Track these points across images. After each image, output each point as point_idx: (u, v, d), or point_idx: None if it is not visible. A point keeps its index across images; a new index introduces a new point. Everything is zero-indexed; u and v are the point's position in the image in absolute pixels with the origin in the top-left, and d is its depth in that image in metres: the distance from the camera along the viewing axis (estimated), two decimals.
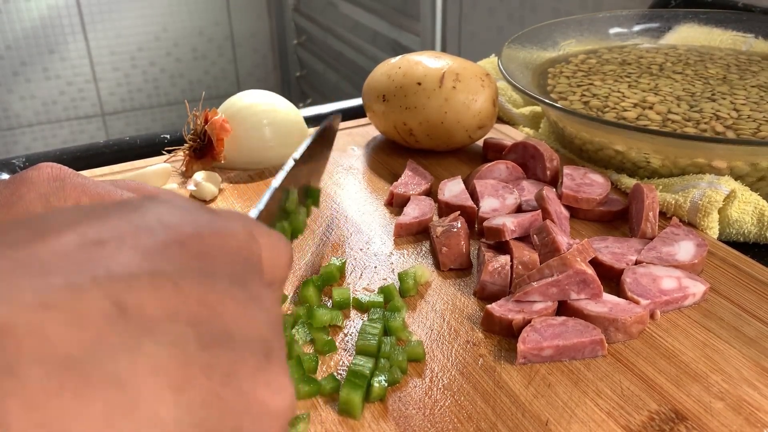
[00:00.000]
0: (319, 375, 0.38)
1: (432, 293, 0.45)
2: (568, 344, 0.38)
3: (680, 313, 0.42)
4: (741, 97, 0.63)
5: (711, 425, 0.34)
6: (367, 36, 2.03)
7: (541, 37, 0.76)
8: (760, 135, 0.56)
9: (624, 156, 0.58)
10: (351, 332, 0.41)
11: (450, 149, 0.64)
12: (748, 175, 0.54)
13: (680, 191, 0.53)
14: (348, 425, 0.34)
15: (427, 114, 0.60)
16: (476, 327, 0.41)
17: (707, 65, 0.72)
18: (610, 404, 0.35)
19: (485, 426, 0.34)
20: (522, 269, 0.43)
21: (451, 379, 0.37)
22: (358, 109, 0.77)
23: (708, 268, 0.46)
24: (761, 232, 0.51)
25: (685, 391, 0.36)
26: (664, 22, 0.81)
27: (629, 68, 0.72)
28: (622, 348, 0.39)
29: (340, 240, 0.51)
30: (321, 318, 0.41)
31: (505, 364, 0.38)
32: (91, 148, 0.69)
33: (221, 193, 0.59)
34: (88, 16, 2.24)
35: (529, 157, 0.58)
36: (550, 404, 0.35)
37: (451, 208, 0.52)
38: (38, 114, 2.31)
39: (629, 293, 0.42)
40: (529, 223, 0.47)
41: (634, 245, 0.47)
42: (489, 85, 0.61)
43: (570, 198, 0.52)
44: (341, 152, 0.66)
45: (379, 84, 0.63)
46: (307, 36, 2.46)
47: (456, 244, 0.47)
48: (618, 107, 0.62)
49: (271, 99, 0.64)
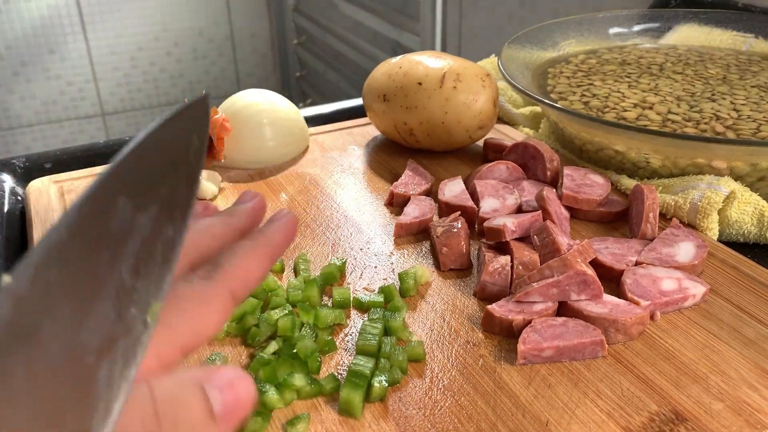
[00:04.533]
0: (320, 375, 0.38)
1: (432, 293, 0.44)
2: (568, 345, 0.38)
3: (680, 314, 0.42)
4: (741, 97, 0.63)
5: (711, 426, 0.34)
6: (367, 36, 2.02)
7: (541, 37, 0.76)
8: (760, 135, 0.56)
9: (624, 156, 0.58)
10: (351, 332, 0.41)
11: (450, 149, 0.64)
12: (748, 175, 0.54)
13: (680, 192, 0.52)
14: (348, 425, 0.34)
15: (427, 114, 0.60)
16: (476, 327, 0.41)
17: (707, 65, 0.72)
18: (610, 405, 0.35)
19: (485, 426, 0.34)
20: (522, 270, 0.43)
21: (452, 380, 0.37)
22: (358, 109, 0.77)
23: (708, 269, 0.46)
24: (761, 232, 0.51)
25: (685, 392, 0.36)
26: (664, 22, 0.81)
27: (629, 68, 0.72)
28: (622, 349, 0.39)
29: (339, 240, 0.51)
30: (325, 318, 0.41)
31: (505, 364, 0.38)
32: (91, 148, 0.69)
33: (221, 192, 0.59)
34: (88, 16, 2.24)
35: (529, 158, 0.58)
36: (551, 405, 0.35)
37: (452, 209, 0.52)
38: (38, 114, 2.31)
39: (629, 294, 0.42)
40: (529, 224, 0.47)
41: (634, 246, 0.47)
42: (490, 85, 0.61)
43: (570, 199, 0.52)
44: (341, 152, 0.66)
45: (380, 84, 0.63)
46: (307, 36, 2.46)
47: (456, 245, 0.47)
48: (618, 107, 0.62)
49: (272, 98, 0.64)
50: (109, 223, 0.21)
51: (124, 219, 0.21)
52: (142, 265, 0.22)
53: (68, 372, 0.18)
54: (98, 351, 0.19)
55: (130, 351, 0.20)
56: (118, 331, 0.20)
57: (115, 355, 0.20)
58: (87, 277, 0.19)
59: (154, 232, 0.22)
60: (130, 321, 0.21)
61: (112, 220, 0.21)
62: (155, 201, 0.23)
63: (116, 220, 0.21)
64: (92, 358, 0.19)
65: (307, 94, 2.53)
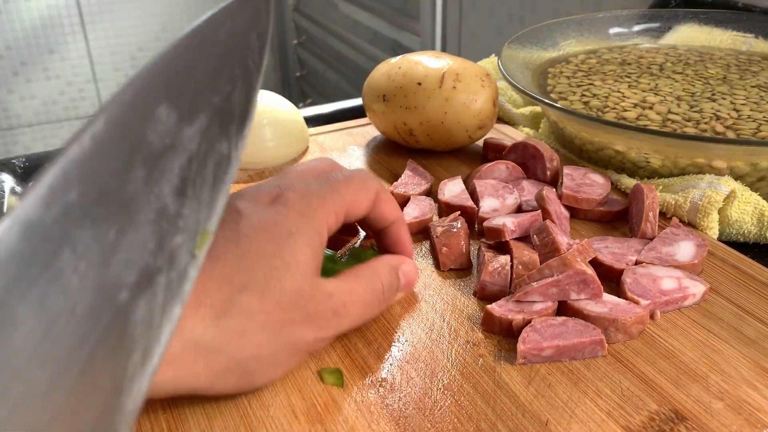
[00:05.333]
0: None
1: (432, 293, 0.45)
2: (568, 344, 0.38)
3: (680, 313, 0.42)
4: (741, 97, 0.63)
5: (711, 425, 0.34)
6: (367, 36, 2.03)
7: (541, 37, 0.76)
8: (760, 135, 0.56)
9: (624, 156, 0.58)
10: None
11: (450, 149, 0.64)
12: (748, 175, 0.54)
13: (680, 191, 0.53)
14: (348, 425, 0.34)
15: (427, 114, 0.60)
16: (476, 327, 0.41)
17: (707, 65, 0.72)
18: (610, 404, 0.35)
19: (485, 426, 0.34)
20: (522, 269, 0.43)
21: (451, 379, 0.37)
22: (358, 109, 0.77)
23: (708, 268, 0.46)
24: (761, 232, 0.51)
25: (684, 391, 0.36)
26: (664, 22, 0.81)
27: (629, 68, 0.72)
28: (622, 348, 0.39)
29: (339, 239, 0.51)
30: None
31: (505, 364, 0.38)
32: None
33: None
34: (88, 16, 2.24)
35: (529, 157, 0.58)
36: (550, 404, 0.35)
37: (451, 208, 0.52)
38: (38, 114, 2.31)
39: (629, 293, 0.42)
40: (529, 224, 0.47)
41: (634, 245, 0.47)
42: (489, 85, 0.61)
43: (570, 198, 0.52)
44: (341, 152, 0.66)
45: (379, 84, 0.63)
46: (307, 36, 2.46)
47: (456, 244, 0.47)
48: (618, 107, 0.62)
49: (271, 99, 0.64)
50: (146, 135, 0.17)
51: (165, 131, 0.18)
52: (190, 185, 0.18)
53: (94, 312, 0.15)
54: (134, 287, 0.16)
55: (174, 285, 0.18)
56: (158, 263, 0.17)
57: (155, 291, 0.17)
58: (116, 199, 0.16)
59: (204, 147, 0.19)
60: (173, 251, 0.18)
61: (150, 132, 0.17)
62: (205, 111, 0.19)
63: (155, 131, 0.17)
64: (126, 295, 0.16)
65: (307, 94, 2.53)
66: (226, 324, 0.30)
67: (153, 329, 0.17)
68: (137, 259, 0.16)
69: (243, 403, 0.36)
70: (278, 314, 0.32)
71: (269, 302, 0.32)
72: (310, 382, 0.37)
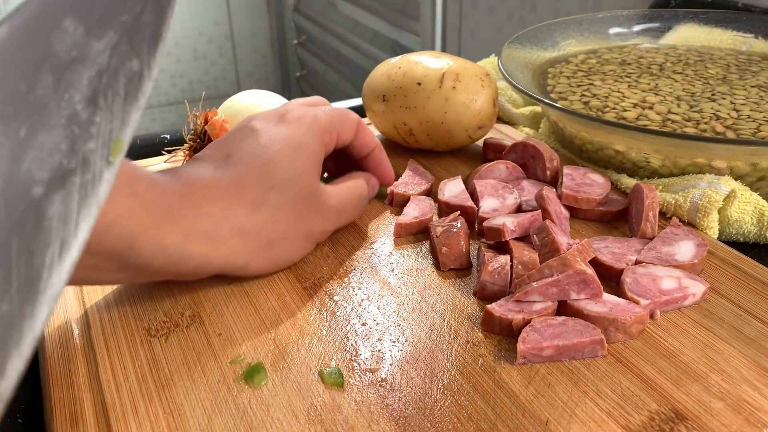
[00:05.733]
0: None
1: (432, 293, 0.45)
2: (568, 344, 0.38)
3: (680, 313, 0.42)
4: (741, 97, 0.63)
5: (711, 425, 0.34)
6: (367, 36, 2.03)
7: (541, 37, 0.76)
8: (760, 135, 0.56)
9: (624, 156, 0.58)
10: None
11: (450, 149, 0.64)
12: (748, 175, 0.54)
13: (680, 191, 0.53)
14: (348, 425, 0.34)
15: (427, 114, 0.60)
16: (476, 327, 0.41)
17: (707, 65, 0.72)
18: (610, 404, 0.35)
19: (485, 426, 0.34)
20: (522, 269, 0.43)
21: (451, 379, 0.37)
22: (358, 109, 0.77)
23: (708, 268, 0.46)
24: (761, 232, 0.51)
25: (685, 391, 0.36)
26: (664, 22, 0.81)
27: (629, 68, 0.72)
28: (622, 348, 0.39)
29: (339, 240, 0.51)
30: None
31: (505, 364, 0.38)
32: None
33: None
34: None
35: (529, 157, 0.58)
36: (550, 404, 0.35)
37: (451, 208, 0.52)
38: None
39: (629, 293, 0.42)
40: (529, 223, 0.47)
41: (634, 245, 0.47)
42: (489, 85, 0.61)
43: (570, 198, 0.52)
44: None
45: (379, 84, 0.63)
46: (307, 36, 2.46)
47: (456, 244, 0.47)
48: (618, 107, 0.62)
49: (271, 99, 0.64)
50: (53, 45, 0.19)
51: (72, 42, 0.19)
52: (101, 97, 0.20)
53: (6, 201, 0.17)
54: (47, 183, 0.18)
55: (89, 186, 0.19)
56: (72, 164, 0.19)
57: (69, 190, 0.18)
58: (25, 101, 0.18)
59: (115, 63, 0.21)
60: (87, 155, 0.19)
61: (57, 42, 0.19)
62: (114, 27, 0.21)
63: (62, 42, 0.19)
64: (39, 190, 0.18)
65: (307, 94, 2.53)
66: (261, 213, 0.42)
67: (70, 225, 0.18)
68: (49, 158, 0.18)
69: (243, 403, 0.36)
70: (297, 207, 0.44)
71: (290, 198, 0.43)
72: (310, 382, 0.37)
